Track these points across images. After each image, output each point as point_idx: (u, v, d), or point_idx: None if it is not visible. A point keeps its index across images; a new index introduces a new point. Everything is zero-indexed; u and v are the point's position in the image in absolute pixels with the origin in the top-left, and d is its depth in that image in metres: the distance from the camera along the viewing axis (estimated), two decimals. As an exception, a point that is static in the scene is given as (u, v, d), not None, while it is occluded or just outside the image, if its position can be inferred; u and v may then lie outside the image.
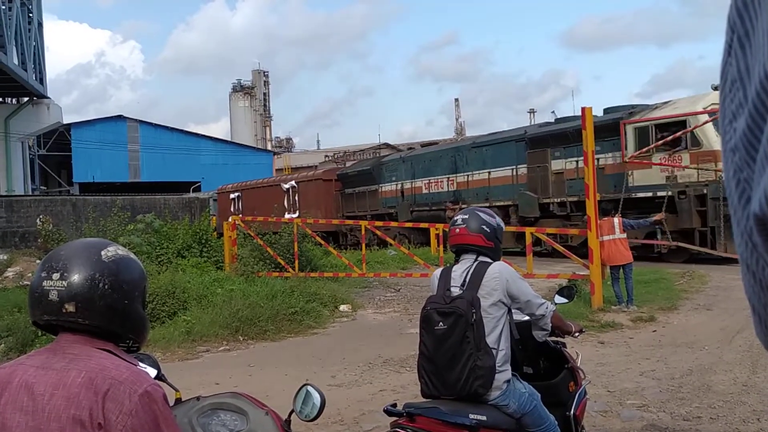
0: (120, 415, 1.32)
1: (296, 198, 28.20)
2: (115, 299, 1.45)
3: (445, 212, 21.21)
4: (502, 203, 19.43)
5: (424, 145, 30.63)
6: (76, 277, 1.42)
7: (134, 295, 1.50)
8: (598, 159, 15.88)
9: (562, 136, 17.62)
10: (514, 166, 19.56)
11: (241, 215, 29.53)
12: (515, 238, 16.58)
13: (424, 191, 23.52)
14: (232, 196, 32.56)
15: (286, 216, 27.36)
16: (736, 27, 0.56)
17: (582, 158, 15.92)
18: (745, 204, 0.54)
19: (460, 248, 3.12)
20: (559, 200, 17.79)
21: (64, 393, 1.34)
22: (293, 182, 28.93)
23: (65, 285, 1.42)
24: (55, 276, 1.43)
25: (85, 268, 1.44)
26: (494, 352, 2.85)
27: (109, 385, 1.34)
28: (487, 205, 19.66)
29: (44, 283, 1.43)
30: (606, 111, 18.00)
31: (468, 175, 21.42)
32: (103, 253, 1.48)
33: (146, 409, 1.35)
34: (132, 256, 1.56)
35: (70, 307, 1.41)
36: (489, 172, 20.45)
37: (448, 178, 22.34)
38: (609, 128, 16.02)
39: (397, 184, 24.92)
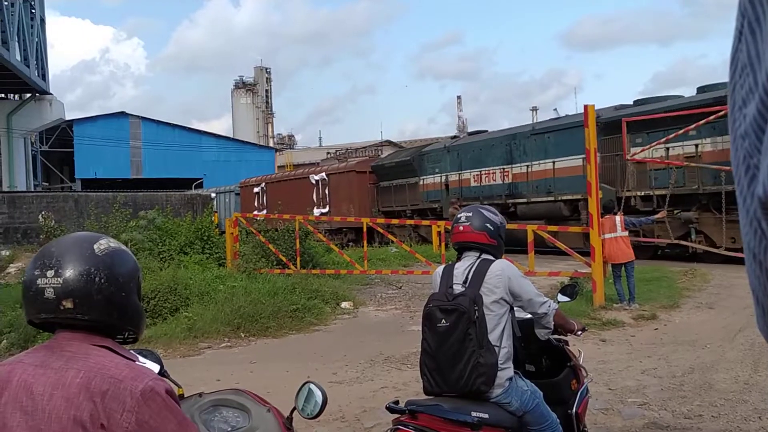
0: (124, 413, 1.31)
1: (326, 191, 26.37)
2: (112, 292, 1.43)
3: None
4: (569, 197, 17.19)
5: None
6: (71, 273, 1.39)
7: (130, 286, 1.49)
8: (696, 145, 14.49)
9: (645, 120, 15.21)
10: (584, 155, 16.66)
11: (265, 210, 28.20)
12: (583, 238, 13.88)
13: (473, 184, 21.15)
14: (255, 189, 30.88)
15: (315, 211, 25.48)
16: (747, 13, 0.56)
17: (677, 144, 14.36)
18: (754, 190, 0.53)
19: (462, 246, 3.13)
20: (642, 193, 15.57)
21: (63, 393, 1.32)
22: (323, 174, 26.86)
23: (61, 282, 1.39)
24: (50, 273, 1.40)
25: (80, 263, 1.41)
26: (496, 349, 2.86)
27: (109, 384, 1.33)
28: (552, 199, 18.06)
29: (38, 281, 1.40)
30: (700, 89, 15.66)
31: (527, 166, 18.94)
32: (95, 246, 1.45)
33: (150, 404, 1.33)
34: (124, 247, 1.53)
35: (68, 304, 1.39)
36: (553, 162, 17.95)
37: (503, 169, 19.90)
38: (707, 109, 13.87)
39: (441, 177, 22.45)
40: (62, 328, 1.44)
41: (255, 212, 27.55)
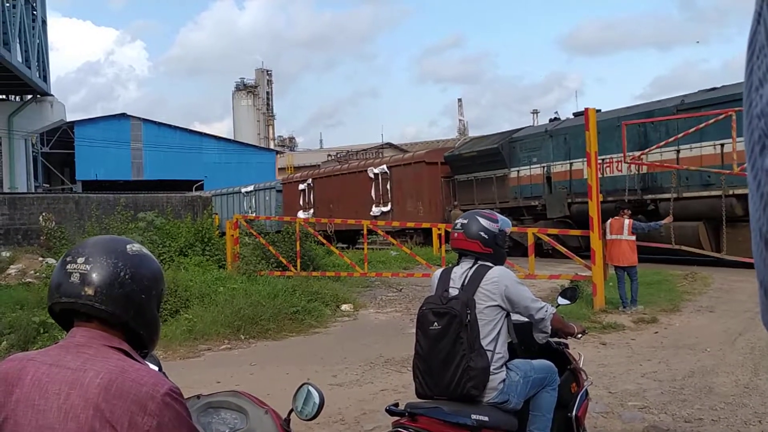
0: (145, 417, 1.31)
1: (388, 186, 22.98)
2: (134, 290, 1.46)
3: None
4: (743, 191, 12.55)
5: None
6: (99, 263, 1.45)
7: (151, 293, 1.51)
8: None
9: None
10: None
11: (312, 210, 26.01)
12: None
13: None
14: (301, 186, 27.63)
15: (374, 210, 22.97)
16: None
17: None
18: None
19: (459, 252, 3.14)
20: None
21: (81, 393, 1.32)
22: (384, 167, 23.37)
23: (88, 269, 1.44)
24: (80, 260, 1.45)
25: (110, 256, 1.47)
26: (489, 354, 2.86)
27: (130, 387, 1.33)
28: (718, 194, 13.56)
29: (68, 266, 1.45)
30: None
31: (675, 151, 14.60)
32: (128, 246, 1.52)
33: (170, 409, 1.34)
34: (153, 257, 1.59)
35: (89, 290, 1.42)
36: (715, 146, 13.50)
37: (633, 156, 15.10)
38: None
39: (541, 168, 18.64)
40: (79, 320, 1.46)
41: (300, 212, 25.61)
